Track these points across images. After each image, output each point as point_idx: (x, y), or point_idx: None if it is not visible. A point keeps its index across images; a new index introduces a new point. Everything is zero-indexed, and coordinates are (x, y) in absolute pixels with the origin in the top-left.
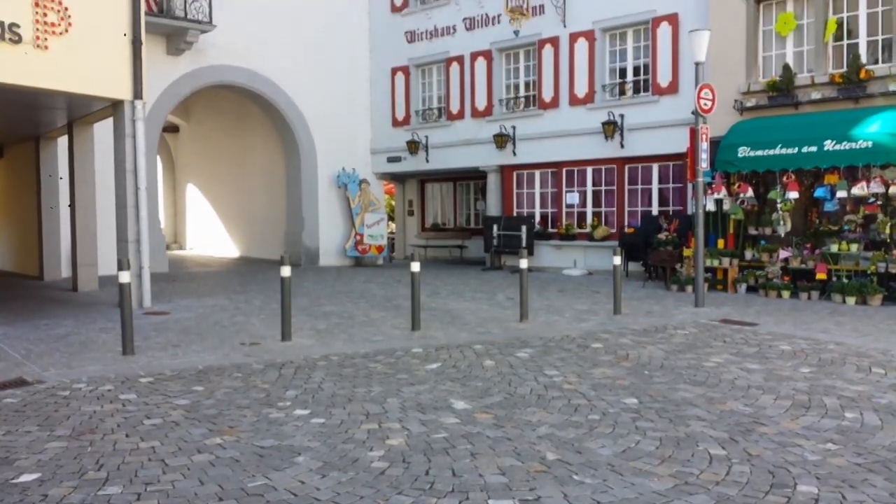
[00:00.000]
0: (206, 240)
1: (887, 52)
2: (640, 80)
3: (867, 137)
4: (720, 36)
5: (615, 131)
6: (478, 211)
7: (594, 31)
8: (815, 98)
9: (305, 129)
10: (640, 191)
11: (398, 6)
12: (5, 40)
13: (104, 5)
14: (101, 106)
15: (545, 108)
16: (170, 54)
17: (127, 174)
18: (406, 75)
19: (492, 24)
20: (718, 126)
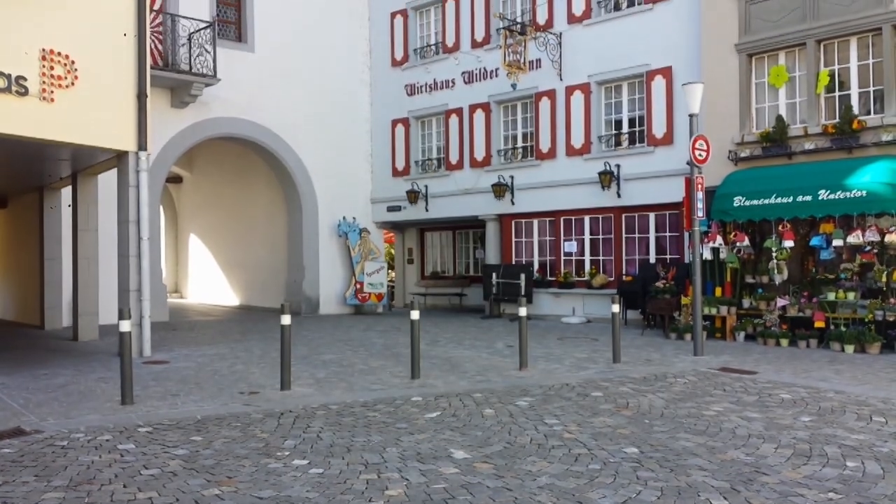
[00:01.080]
0: (206, 288)
1: (879, 103)
2: (636, 131)
3: (861, 187)
4: (714, 88)
5: (611, 181)
6: (477, 259)
7: (590, 84)
8: (809, 148)
9: (307, 179)
10: (637, 239)
11: (399, 61)
12: (12, 92)
13: (110, 59)
14: (106, 157)
15: (542, 158)
16: (174, 107)
17: (130, 224)
18: (406, 127)
19: (490, 77)
20: (713, 176)
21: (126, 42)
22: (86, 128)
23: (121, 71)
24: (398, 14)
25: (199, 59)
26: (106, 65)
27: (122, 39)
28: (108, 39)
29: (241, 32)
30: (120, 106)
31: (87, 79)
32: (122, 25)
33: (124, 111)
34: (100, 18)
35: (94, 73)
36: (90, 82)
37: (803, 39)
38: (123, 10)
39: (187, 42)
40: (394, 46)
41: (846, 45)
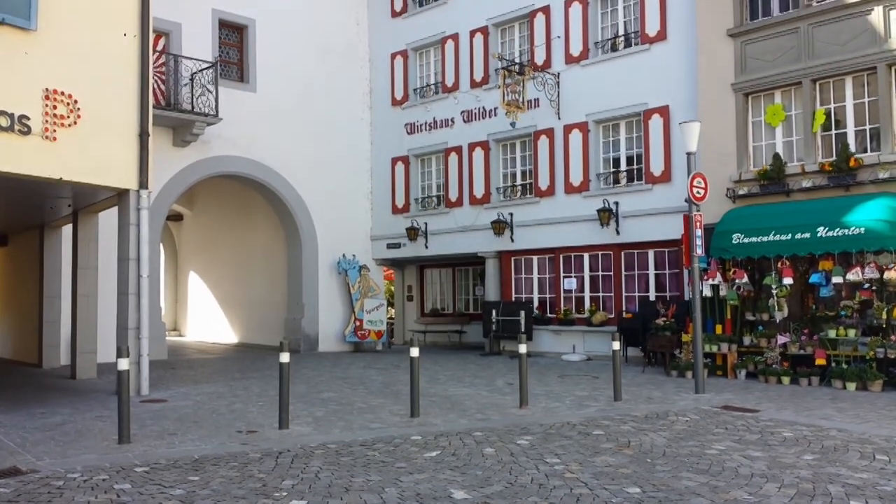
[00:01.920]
0: (205, 326)
1: (875, 141)
2: (634, 169)
3: (859, 224)
4: (711, 127)
5: (610, 218)
6: (476, 296)
7: (588, 123)
8: (807, 186)
9: (307, 216)
10: (636, 276)
11: (399, 100)
12: (14, 131)
13: (113, 98)
14: (107, 195)
15: (541, 195)
16: (176, 145)
17: (130, 262)
18: (406, 165)
19: (489, 116)
20: (712, 213)
21: (129, 82)
22: (87, 166)
23: (123, 110)
24: (398, 55)
25: (202, 98)
26: (109, 104)
27: (126, 79)
28: (111, 79)
29: (242, 72)
30: (122, 145)
31: (90, 118)
32: (125, 65)
33: (126, 150)
34: (104, 58)
35: (97, 112)
36: (93, 121)
37: (799, 78)
38: (127, 51)
39: (190, 82)
40: (394, 86)
41: (841, 84)
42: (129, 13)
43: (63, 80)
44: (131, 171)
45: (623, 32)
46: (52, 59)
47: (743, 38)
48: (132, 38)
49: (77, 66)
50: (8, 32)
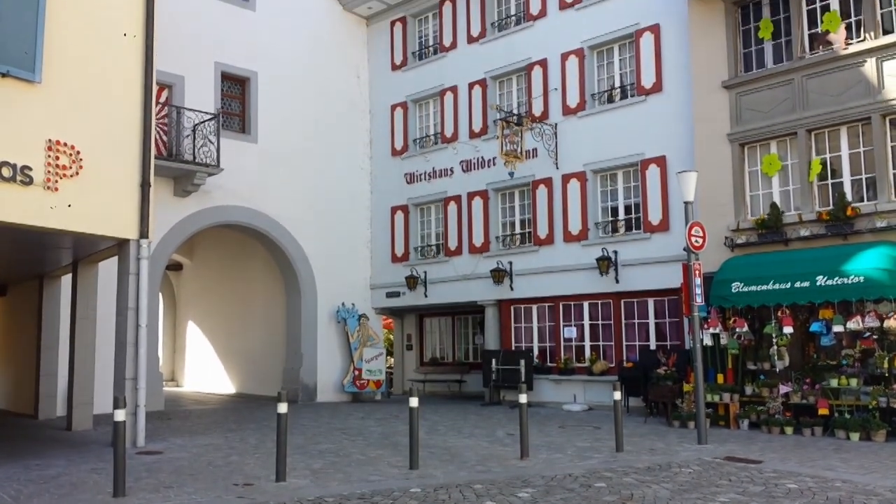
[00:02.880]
0: (203, 376)
1: (872, 190)
2: (632, 217)
3: (858, 273)
4: (708, 176)
5: (609, 267)
6: (476, 345)
7: (585, 173)
8: (805, 235)
9: (306, 265)
10: (636, 325)
11: (398, 150)
12: (16, 182)
13: (115, 149)
14: (108, 245)
15: (540, 244)
16: (177, 195)
17: (129, 312)
18: (405, 214)
19: (487, 166)
20: (711, 262)
21: (131, 133)
22: (88, 216)
23: (125, 161)
24: (398, 106)
25: (203, 149)
26: (111, 155)
27: (128, 130)
28: (114, 130)
29: (244, 123)
30: (123, 195)
31: (92, 168)
32: (128, 117)
33: (127, 200)
34: (107, 110)
35: (99, 162)
36: (94, 172)
37: (794, 129)
38: (130, 103)
39: (192, 133)
40: (394, 137)
41: (836, 134)
42: (132, 66)
43: (66, 131)
44: (132, 220)
45: (619, 84)
46: (55, 110)
47: (738, 90)
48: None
49: (80, 118)
50: (12, 84)
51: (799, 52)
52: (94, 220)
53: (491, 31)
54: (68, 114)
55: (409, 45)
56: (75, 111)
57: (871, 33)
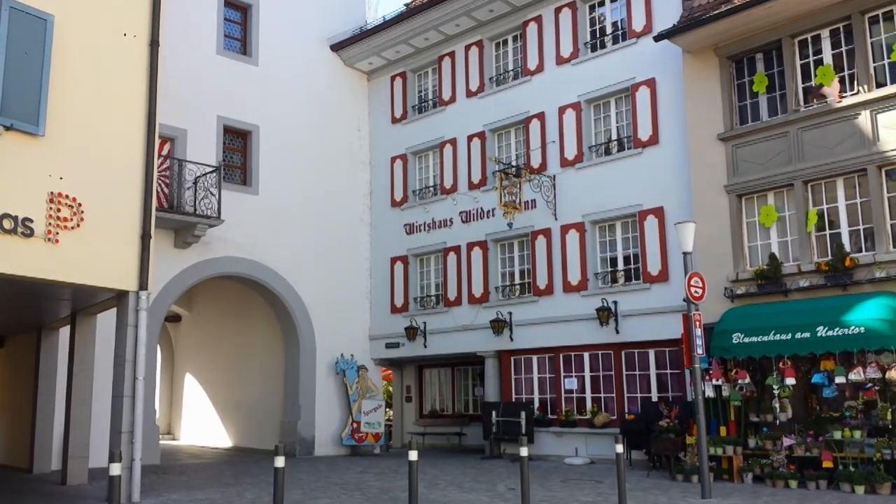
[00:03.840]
0: (200, 429)
1: (870, 241)
2: (631, 268)
3: (859, 323)
4: (706, 227)
5: (609, 317)
6: (476, 397)
7: (584, 223)
8: (804, 286)
9: (306, 316)
10: (637, 376)
11: (398, 201)
12: (17, 234)
13: (117, 201)
14: (107, 297)
15: (540, 294)
16: (177, 247)
17: (126, 364)
18: (405, 264)
19: (487, 217)
20: (711, 313)
21: (133, 185)
22: (88, 268)
23: (126, 213)
24: (398, 158)
25: (204, 201)
26: (112, 207)
27: (130, 183)
28: (116, 183)
29: (245, 175)
30: (123, 246)
31: (93, 220)
32: (130, 170)
33: (127, 252)
34: (109, 163)
35: (100, 214)
36: (95, 223)
37: (791, 181)
38: (132, 156)
39: (193, 185)
40: (393, 188)
41: (833, 186)
42: (135, 120)
43: (68, 183)
44: (132, 272)
45: (616, 137)
46: (58, 162)
47: (733, 142)
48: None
49: (82, 170)
50: (16, 137)
51: (793, 105)
52: (94, 272)
53: (489, 85)
54: (71, 166)
55: (409, 98)
56: (78, 163)
57: (864, 86)
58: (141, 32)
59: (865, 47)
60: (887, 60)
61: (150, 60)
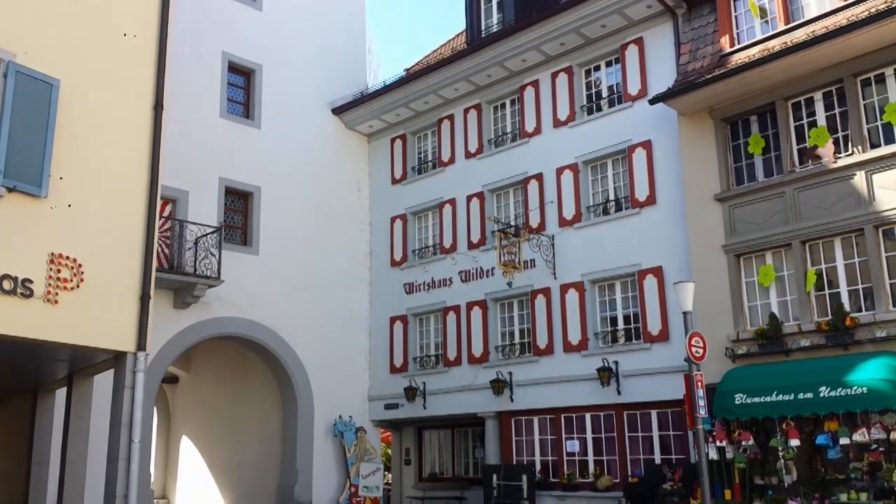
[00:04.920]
0: (195, 492)
1: (870, 300)
2: (632, 328)
3: (861, 383)
4: (705, 287)
5: (610, 378)
6: (476, 459)
7: (583, 283)
8: (805, 345)
9: (304, 377)
10: (640, 438)
11: (398, 261)
12: (17, 295)
13: (117, 262)
14: (104, 358)
15: (540, 354)
16: (176, 307)
17: (122, 426)
18: (404, 324)
19: (486, 276)
20: (712, 373)
21: (134, 246)
22: (87, 329)
23: (126, 273)
24: (398, 218)
25: (205, 261)
26: (112, 267)
27: (131, 244)
28: (116, 244)
29: (246, 236)
30: (123, 307)
31: (93, 281)
32: (131, 231)
33: (127, 312)
34: (111, 224)
35: (100, 275)
36: (95, 284)
37: (788, 240)
38: (134, 217)
39: (194, 246)
40: (393, 248)
41: (831, 245)
42: (138, 182)
43: (69, 244)
44: (130, 333)
45: (614, 197)
46: (59, 223)
47: (730, 203)
48: (139, 205)
49: (83, 231)
50: (18, 199)
51: (789, 166)
52: (93, 333)
53: (488, 147)
54: (72, 227)
55: (408, 160)
56: (79, 224)
57: (858, 147)
58: (146, 95)
59: (858, 109)
60: (880, 122)
61: (153, 123)
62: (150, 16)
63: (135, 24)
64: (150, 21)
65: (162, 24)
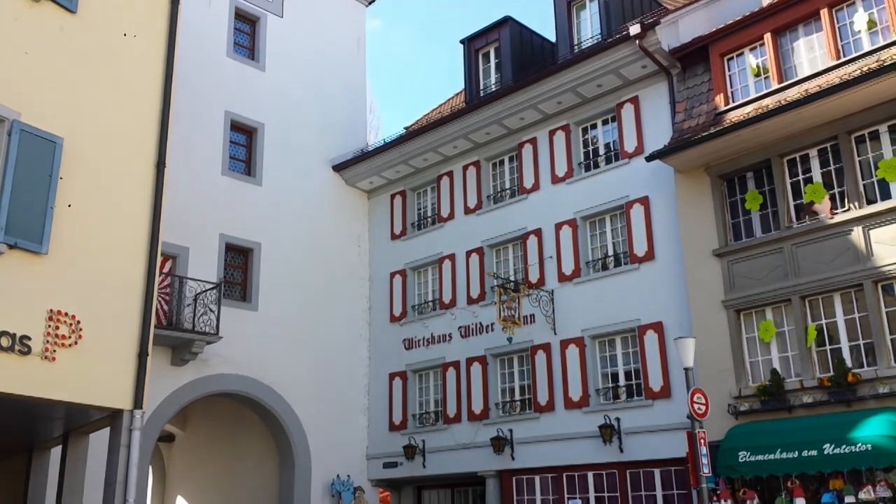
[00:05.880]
0: None
1: (871, 356)
2: (633, 384)
3: (865, 440)
4: (705, 342)
5: (612, 435)
6: None
7: (583, 338)
8: (808, 402)
9: (301, 435)
10: (643, 497)
11: (397, 316)
12: (14, 352)
13: (116, 319)
14: (100, 416)
15: (541, 411)
16: (174, 364)
17: (117, 486)
18: (404, 380)
19: (486, 331)
20: (715, 430)
21: (133, 303)
22: (85, 387)
23: (125, 331)
24: (397, 274)
25: (203, 318)
26: (111, 325)
27: (130, 301)
28: (115, 301)
29: (245, 292)
30: (120, 364)
31: (91, 338)
32: (130, 288)
33: (124, 370)
34: (110, 281)
35: (98, 332)
36: (93, 341)
37: (788, 296)
38: (134, 275)
39: (193, 302)
40: (392, 303)
41: (830, 301)
42: (139, 240)
43: (68, 300)
44: (127, 391)
45: (612, 253)
46: (59, 280)
47: (729, 258)
48: (139, 262)
49: (83, 288)
50: (19, 256)
51: (787, 222)
52: (90, 391)
53: (487, 203)
54: (71, 284)
55: (408, 216)
56: (78, 281)
57: (854, 203)
58: (148, 153)
59: (853, 165)
60: (876, 178)
61: (155, 181)
62: (154, 75)
63: (139, 83)
64: (155, 80)
65: (166, 83)
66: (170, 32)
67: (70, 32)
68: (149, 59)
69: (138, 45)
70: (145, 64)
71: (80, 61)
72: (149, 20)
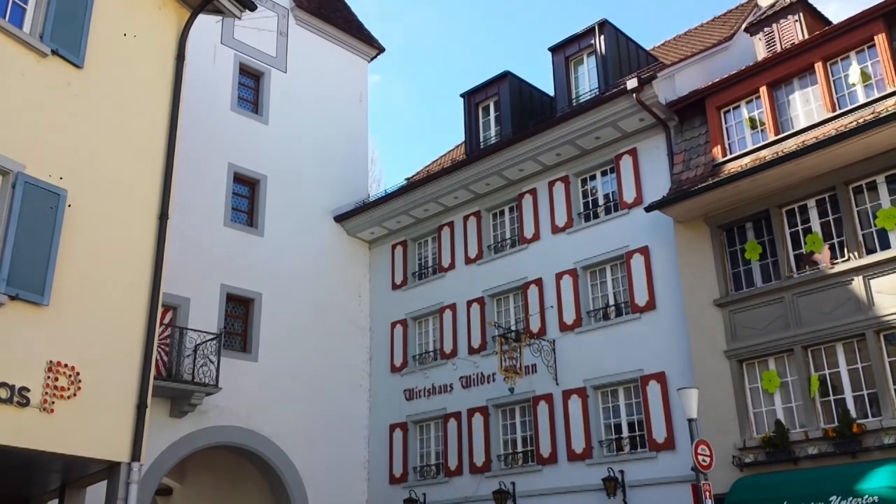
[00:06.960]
0: None
1: (875, 406)
2: (636, 435)
3: (872, 492)
4: (709, 393)
5: (617, 488)
6: None
7: (586, 389)
8: (813, 453)
9: (301, 489)
10: None
11: (398, 367)
12: (13, 403)
13: (115, 371)
14: (98, 468)
15: (543, 463)
16: (173, 416)
17: None
18: (404, 431)
19: (487, 382)
20: (720, 482)
21: (133, 355)
22: (83, 439)
23: (124, 382)
24: (398, 324)
25: (203, 369)
26: (110, 376)
27: (130, 352)
28: (115, 352)
29: (245, 343)
30: (119, 416)
31: (90, 389)
32: (131, 340)
33: (122, 422)
34: (111, 332)
35: (98, 383)
36: (92, 393)
37: (790, 346)
38: (134, 326)
39: (193, 353)
40: (393, 353)
41: (833, 351)
42: (140, 292)
43: (68, 352)
44: (125, 443)
45: (613, 302)
46: (59, 332)
47: (730, 308)
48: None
49: (83, 339)
50: (20, 307)
51: (787, 272)
52: (88, 443)
53: (487, 252)
54: (72, 335)
55: (409, 266)
56: (79, 333)
57: (854, 253)
58: (151, 205)
59: (852, 215)
60: (874, 228)
61: (158, 233)
62: (158, 129)
63: (144, 137)
64: (159, 134)
65: (170, 136)
66: (175, 88)
67: (76, 87)
68: (154, 113)
69: (144, 99)
70: (150, 118)
71: (85, 115)
72: (155, 76)
